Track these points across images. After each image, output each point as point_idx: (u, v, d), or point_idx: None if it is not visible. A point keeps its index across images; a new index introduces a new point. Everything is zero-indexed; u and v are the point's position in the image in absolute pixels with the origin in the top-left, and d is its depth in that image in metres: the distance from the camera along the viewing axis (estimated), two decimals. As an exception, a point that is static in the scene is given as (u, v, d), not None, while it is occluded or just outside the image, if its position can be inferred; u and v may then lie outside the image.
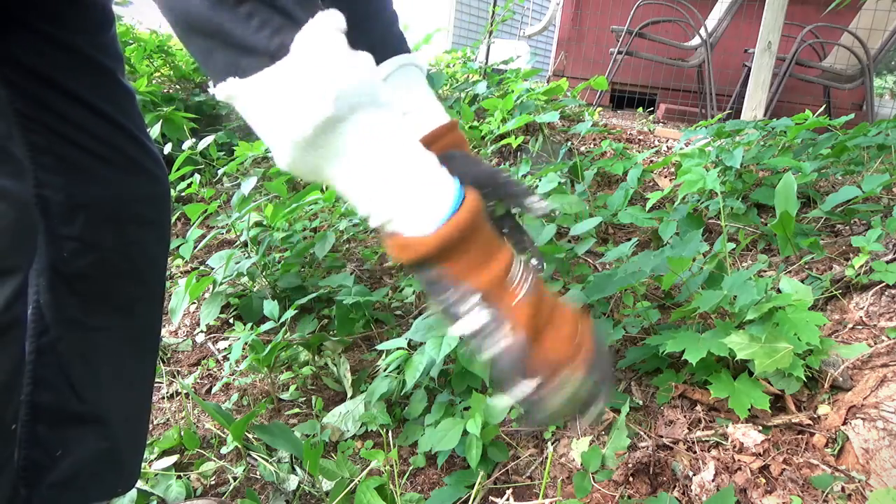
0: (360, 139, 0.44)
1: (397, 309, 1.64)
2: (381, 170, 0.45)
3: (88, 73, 0.76)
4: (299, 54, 0.42)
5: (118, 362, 0.83)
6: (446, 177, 0.48)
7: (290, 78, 0.42)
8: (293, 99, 0.42)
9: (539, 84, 3.85)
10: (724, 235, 1.27)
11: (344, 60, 0.43)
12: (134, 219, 0.81)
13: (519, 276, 0.49)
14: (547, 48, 8.77)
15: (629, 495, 0.92)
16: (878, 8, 3.59)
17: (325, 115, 0.42)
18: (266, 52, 0.42)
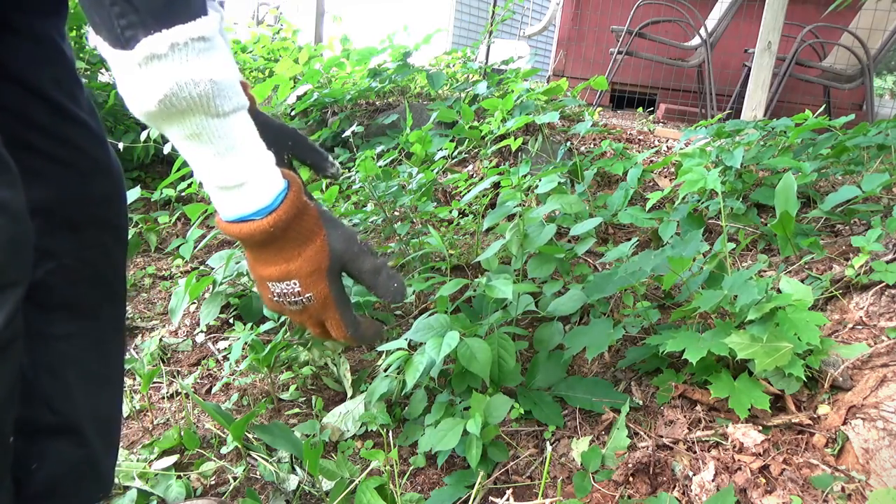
0: (186, 137, 0.52)
1: (397, 309, 1.64)
2: (203, 164, 0.54)
3: (51, 64, 0.71)
4: (141, 52, 0.48)
5: (86, 368, 0.81)
6: (266, 180, 0.57)
7: (130, 65, 0.49)
8: (130, 81, 0.50)
9: (539, 84, 3.85)
10: (724, 235, 1.27)
11: (177, 73, 0.49)
12: (92, 222, 0.77)
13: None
14: (547, 48, 8.77)
15: (629, 495, 0.92)
16: (878, 8, 3.59)
17: (149, 111, 0.50)
18: (117, 38, 0.49)
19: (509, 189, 1.42)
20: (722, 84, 4.13)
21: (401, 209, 1.92)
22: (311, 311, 0.64)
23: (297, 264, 0.61)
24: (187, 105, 0.50)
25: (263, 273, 0.62)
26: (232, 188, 0.55)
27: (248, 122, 0.55)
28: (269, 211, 0.57)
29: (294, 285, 0.62)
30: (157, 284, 1.99)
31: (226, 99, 0.51)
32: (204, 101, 0.50)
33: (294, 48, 3.50)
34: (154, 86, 0.49)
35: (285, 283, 0.62)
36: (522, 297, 1.34)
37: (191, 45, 0.49)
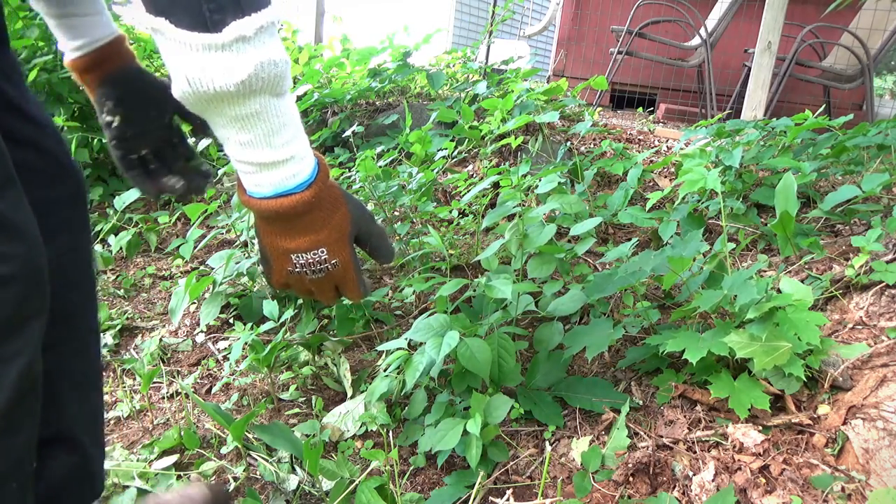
0: (244, 117, 0.53)
1: (397, 309, 1.64)
2: (254, 142, 0.55)
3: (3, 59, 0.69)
4: (229, 35, 0.49)
5: (71, 374, 0.80)
6: (307, 154, 0.59)
7: (214, 48, 0.49)
8: (210, 63, 0.50)
9: (539, 84, 3.85)
10: (724, 235, 1.27)
11: (260, 54, 0.51)
12: (64, 227, 0.76)
13: None
14: (547, 48, 8.77)
15: (629, 495, 0.92)
16: (878, 8, 3.59)
17: (225, 91, 0.50)
18: (203, 21, 0.49)
19: (509, 189, 1.42)
20: (722, 84, 4.13)
21: (401, 209, 1.92)
22: (335, 275, 0.66)
23: (326, 233, 0.63)
24: (262, 84, 0.52)
25: (291, 245, 0.62)
26: (279, 164, 0.57)
27: (294, 102, 0.57)
28: (310, 183, 0.59)
29: (322, 253, 0.63)
30: (157, 284, 2.00)
31: (286, 79, 0.54)
32: (275, 81, 0.52)
33: (294, 48, 3.50)
34: (238, 67, 0.50)
35: (313, 252, 0.63)
36: (522, 297, 1.34)
37: (270, 28, 0.51)
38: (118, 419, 1.34)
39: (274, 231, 0.62)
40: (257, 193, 0.59)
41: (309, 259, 0.63)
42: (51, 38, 2.38)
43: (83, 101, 2.50)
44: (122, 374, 1.51)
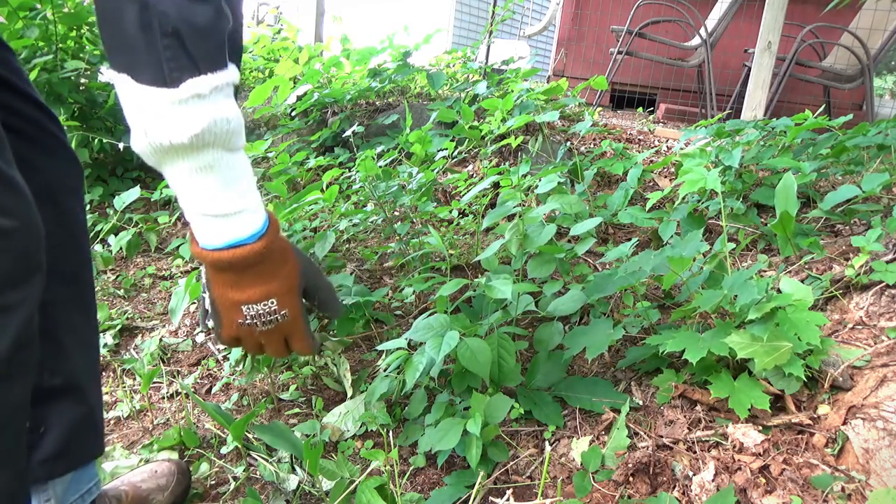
0: (197, 169, 0.56)
1: (397, 309, 1.64)
2: (207, 194, 0.58)
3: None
4: (185, 91, 0.53)
5: (75, 328, 0.85)
6: (259, 207, 0.62)
7: (170, 102, 0.53)
8: (166, 116, 0.53)
9: (539, 84, 3.85)
10: (724, 235, 1.27)
11: (215, 111, 0.55)
12: (66, 192, 0.83)
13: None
14: (547, 48, 8.77)
15: (629, 495, 0.92)
16: (878, 8, 3.59)
17: (178, 143, 0.54)
18: (162, 78, 0.53)
19: (509, 189, 1.42)
20: (722, 84, 4.13)
21: (401, 209, 1.92)
22: (283, 327, 0.68)
23: (276, 284, 0.65)
24: (213, 139, 0.55)
25: (242, 297, 0.64)
26: (231, 215, 0.60)
27: (247, 159, 0.61)
28: (261, 235, 0.62)
29: (272, 304, 0.65)
30: (157, 284, 1.99)
31: (239, 136, 0.58)
32: (227, 137, 0.56)
33: (294, 48, 3.50)
34: (192, 121, 0.54)
35: (263, 303, 0.65)
36: (522, 297, 1.34)
37: (226, 89, 0.56)
38: (118, 419, 1.34)
39: (225, 282, 0.64)
40: (210, 245, 0.61)
41: (259, 310, 0.65)
42: (51, 38, 2.38)
43: (83, 101, 2.50)
44: (122, 374, 1.51)
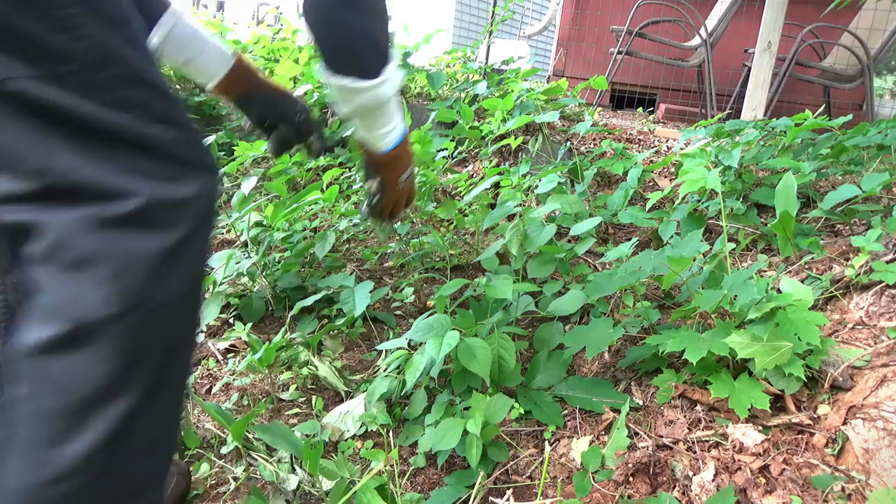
0: (383, 106, 0.92)
1: (397, 309, 1.64)
2: (385, 120, 0.94)
3: None
4: (384, 78, 0.89)
5: None
6: (402, 121, 0.98)
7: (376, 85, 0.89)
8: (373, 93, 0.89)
9: (539, 84, 3.85)
10: (724, 235, 1.27)
11: (395, 81, 0.91)
12: None
13: None
14: (547, 48, 8.77)
15: (629, 495, 0.92)
16: (878, 8, 3.59)
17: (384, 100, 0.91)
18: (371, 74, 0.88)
19: (509, 189, 1.42)
20: (722, 84, 4.13)
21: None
22: (412, 184, 1.11)
23: (409, 158, 1.06)
24: (395, 92, 0.90)
25: (398, 171, 1.05)
26: (395, 129, 0.96)
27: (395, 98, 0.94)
28: (405, 135, 1.00)
29: (413, 169, 1.08)
30: (157, 284, 1.99)
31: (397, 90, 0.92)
32: (397, 91, 0.91)
33: (294, 48, 3.49)
34: (391, 86, 0.89)
35: (409, 171, 1.07)
36: (522, 297, 1.34)
37: (395, 66, 0.89)
38: (118, 419, 1.34)
39: (391, 166, 1.03)
40: (385, 149, 0.98)
41: (408, 175, 1.07)
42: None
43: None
44: (122, 374, 1.50)
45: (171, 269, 0.67)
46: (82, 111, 0.62)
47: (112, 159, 0.64)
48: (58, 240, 0.62)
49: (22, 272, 0.64)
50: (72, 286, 0.62)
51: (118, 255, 0.63)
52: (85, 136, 0.63)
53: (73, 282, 0.62)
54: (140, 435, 0.65)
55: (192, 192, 0.68)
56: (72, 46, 0.62)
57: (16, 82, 0.59)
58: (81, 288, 0.62)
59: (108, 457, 0.62)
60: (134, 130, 0.65)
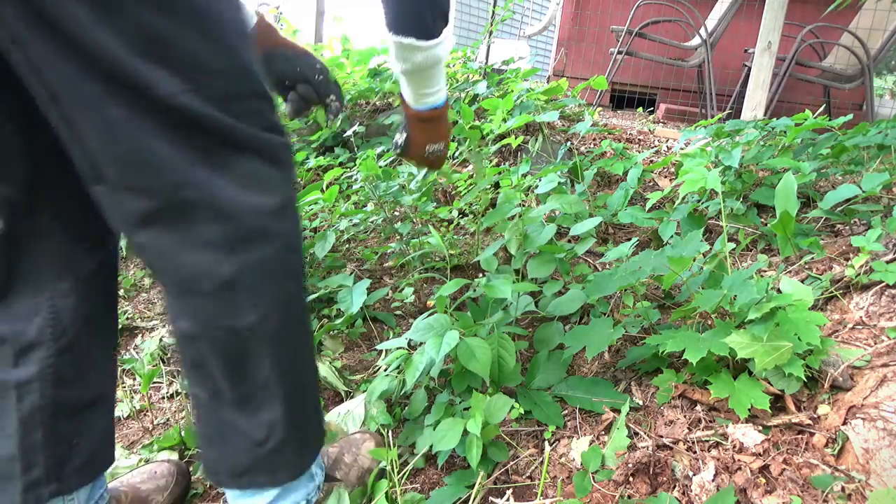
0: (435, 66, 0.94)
1: (397, 309, 1.64)
2: (433, 80, 0.97)
3: None
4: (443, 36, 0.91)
5: (102, 338, 0.87)
6: (444, 89, 1.01)
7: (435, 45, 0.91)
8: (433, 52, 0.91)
9: (539, 84, 3.85)
10: (724, 235, 1.27)
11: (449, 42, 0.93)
12: None
13: None
14: (547, 48, 8.77)
15: (629, 495, 0.92)
16: (878, 8, 3.59)
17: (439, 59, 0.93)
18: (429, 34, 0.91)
19: (509, 189, 1.42)
20: (722, 84, 4.13)
21: (401, 209, 1.92)
22: (443, 156, 1.13)
23: (447, 130, 1.09)
24: (447, 54, 0.92)
25: (430, 135, 1.07)
26: (437, 92, 0.99)
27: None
28: (445, 102, 1.02)
29: (445, 144, 1.10)
30: (157, 284, 2.00)
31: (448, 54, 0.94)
32: (449, 51, 0.93)
33: (294, 48, 3.49)
34: (446, 48, 0.92)
35: (440, 144, 1.09)
36: (522, 297, 1.34)
37: (450, 28, 0.91)
38: (118, 419, 1.34)
39: (426, 128, 1.05)
40: (424, 108, 1.01)
41: (437, 148, 1.09)
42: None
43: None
44: (122, 374, 1.51)
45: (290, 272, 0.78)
46: (220, 124, 0.67)
47: (236, 167, 0.70)
48: (194, 272, 0.71)
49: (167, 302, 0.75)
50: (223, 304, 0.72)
51: (250, 271, 0.72)
52: (218, 147, 0.69)
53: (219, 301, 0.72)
54: None
55: (289, 195, 0.76)
56: (224, 63, 0.67)
57: (180, 97, 0.64)
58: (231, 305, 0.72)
59: None
60: (255, 139, 0.71)
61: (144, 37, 0.61)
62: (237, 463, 0.81)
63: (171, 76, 0.63)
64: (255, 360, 0.76)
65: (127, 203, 0.68)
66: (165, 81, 0.63)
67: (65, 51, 0.60)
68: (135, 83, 0.62)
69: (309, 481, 0.88)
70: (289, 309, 0.79)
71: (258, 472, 0.81)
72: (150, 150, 0.65)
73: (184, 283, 0.72)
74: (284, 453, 0.82)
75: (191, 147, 0.66)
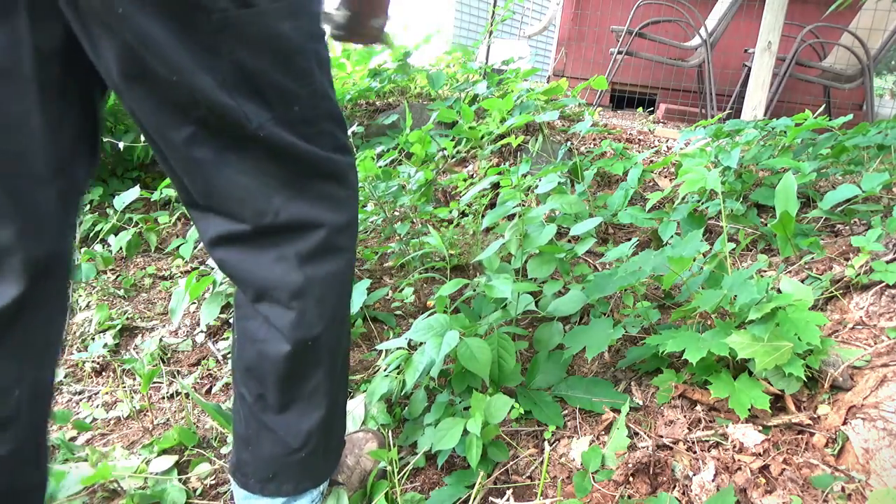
0: None
1: (397, 309, 1.64)
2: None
3: None
4: None
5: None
6: None
7: None
8: None
9: (539, 84, 3.85)
10: (724, 235, 1.27)
11: None
12: None
13: None
14: (547, 48, 8.77)
15: (629, 495, 0.92)
16: (878, 8, 3.59)
17: None
18: None
19: (509, 189, 1.42)
20: (722, 84, 4.13)
21: (401, 209, 1.92)
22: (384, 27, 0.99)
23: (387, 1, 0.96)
24: None
25: (374, 13, 0.95)
26: None
27: None
28: None
29: (385, 18, 0.97)
30: (157, 284, 1.99)
31: None
32: None
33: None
34: None
35: (383, 17, 0.96)
36: (522, 296, 1.34)
37: None
38: (118, 419, 1.34)
39: (368, 3, 0.93)
40: None
41: (379, 22, 0.96)
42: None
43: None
44: (122, 374, 1.51)
45: (348, 286, 0.81)
46: (298, 150, 0.71)
47: (309, 190, 0.74)
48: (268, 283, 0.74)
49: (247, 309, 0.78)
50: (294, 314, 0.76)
51: (318, 284, 0.76)
52: (294, 173, 0.72)
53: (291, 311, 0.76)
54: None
55: (354, 213, 0.80)
56: (302, 90, 0.70)
57: (266, 127, 0.67)
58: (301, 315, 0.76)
59: None
60: (328, 162, 0.74)
61: (238, 74, 0.65)
62: (268, 468, 0.82)
63: (259, 108, 0.67)
64: (311, 369, 0.79)
65: (212, 225, 0.73)
66: (255, 114, 0.66)
67: (154, 98, 0.64)
68: (229, 120, 0.66)
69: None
70: (344, 320, 0.83)
71: (286, 479, 0.83)
72: (233, 183, 0.69)
73: (260, 292, 0.76)
74: (314, 461, 0.84)
75: (272, 176, 0.71)
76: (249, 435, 0.83)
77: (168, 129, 0.66)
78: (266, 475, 0.83)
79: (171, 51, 0.61)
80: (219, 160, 0.68)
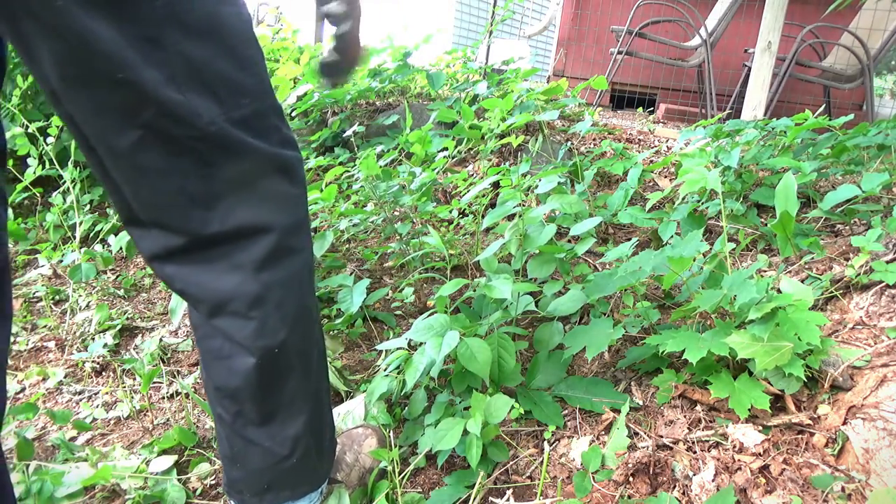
0: None
1: (397, 309, 1.64)
2: None
3: None
4: None
5: None
6: None
7: None
8: None
9: (539, 84, 3.85)
10: (724, 235, 1.27)
11: None
12: None
13: None
14: (547, 48, 8.77)
15: (629, 495, 0.92)
16: (878, 8, 3.59)
17: None
18: None
19: (509, 189, 1.42)
20: (722, 84, 4.13)
21: (401, 209, 1.92)
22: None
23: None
24: None
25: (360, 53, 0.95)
26: None
27: None
28: None
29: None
30: (157, 284, 1.99)
31: None
32: None
33: (294, 48, 3.49)
34: None
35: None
36: (522, 296, 1.34)
37: None
38: (118, 419, 1.34)
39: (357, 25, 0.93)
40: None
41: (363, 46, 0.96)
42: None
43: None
44: (122, 374, 1.51)
45: (309, 283, 0.78)
46: (248, 147, 0.67)
47: (260, 189, 0.70)
48: (223, 295, 0.71)
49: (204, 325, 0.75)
50: (254, 323, 0.73)
51: (276, 288, 0.72)
52: (244, 172, 0.68)
53: (251, 320, 0.72)
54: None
55: (305, 211, 0.76)
56: (249, 81, 0.67)
57: (216, 123, 0.64)
58: (262, 323, 0.73)
59: None
60: (276, 158, 0.71)
61: (185, 67, 0.61)
62: (261, 481, 0.81)
63: (210, 103, 0.63)
64: (284, 376, 0.77)
65: (156, 240, 0.69)
66: (206, 109, 0.63)
67: (97, 101, 0.60)
68: (179, 119, 0.62)
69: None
70: (309, 317, 0.79)
71: (282, 487, 0.82)
72: (179, 190, 0.65)
73: (215, 306, 0.72)
74: (306, 466, 0.82)
75: (221, 179, 0.67)
76: (235, 453, 0.81)
77: (112, 134, 0.61)
78: (260, 487, 0.81)
79: (114, 45, 0.56)
80: (166, 165, 0.64)
